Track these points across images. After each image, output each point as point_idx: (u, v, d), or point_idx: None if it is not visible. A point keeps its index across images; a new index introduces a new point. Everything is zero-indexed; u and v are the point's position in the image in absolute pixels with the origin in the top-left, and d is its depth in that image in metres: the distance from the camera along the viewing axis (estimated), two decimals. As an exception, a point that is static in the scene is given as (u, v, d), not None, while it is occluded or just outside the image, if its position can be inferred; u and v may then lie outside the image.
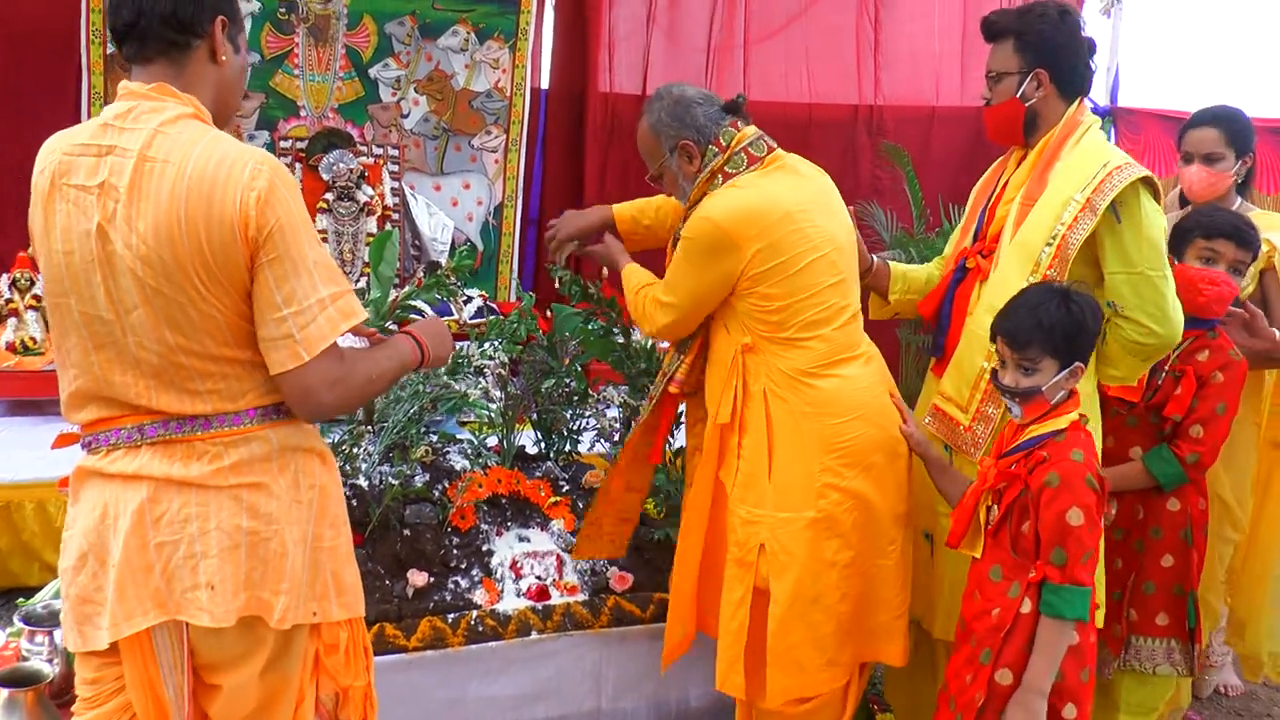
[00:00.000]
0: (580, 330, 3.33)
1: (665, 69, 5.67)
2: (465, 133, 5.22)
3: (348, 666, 1.97)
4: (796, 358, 2.52)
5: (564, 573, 3.00)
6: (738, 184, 2.57)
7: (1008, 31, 2.71)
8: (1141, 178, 2.52)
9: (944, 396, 2.70)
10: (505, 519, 3.11)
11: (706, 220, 2.51)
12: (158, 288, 1.73)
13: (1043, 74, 2.66)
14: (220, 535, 1.79)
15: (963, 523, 2.35)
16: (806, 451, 2.51)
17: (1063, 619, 2.16)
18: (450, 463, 3.25)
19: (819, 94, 5.98)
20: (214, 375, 1.79)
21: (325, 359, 1.79)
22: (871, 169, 6.09)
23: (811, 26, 5.98)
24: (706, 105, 2.63)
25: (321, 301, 1.78)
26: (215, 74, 1.88)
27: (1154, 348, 2.55)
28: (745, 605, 2.52)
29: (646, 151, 2.71)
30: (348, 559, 1.98)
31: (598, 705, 2.94)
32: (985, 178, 2.95)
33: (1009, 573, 2.26)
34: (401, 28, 5.01)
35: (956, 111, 6.20)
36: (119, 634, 1.79)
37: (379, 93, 5.04)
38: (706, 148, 2.60)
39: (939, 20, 6.22)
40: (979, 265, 2.74)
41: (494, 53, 5.17)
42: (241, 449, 1.81)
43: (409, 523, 2.93)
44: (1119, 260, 2.53)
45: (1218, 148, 3.18)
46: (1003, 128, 2.77)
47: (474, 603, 2.84)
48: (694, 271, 2.55)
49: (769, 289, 2.50)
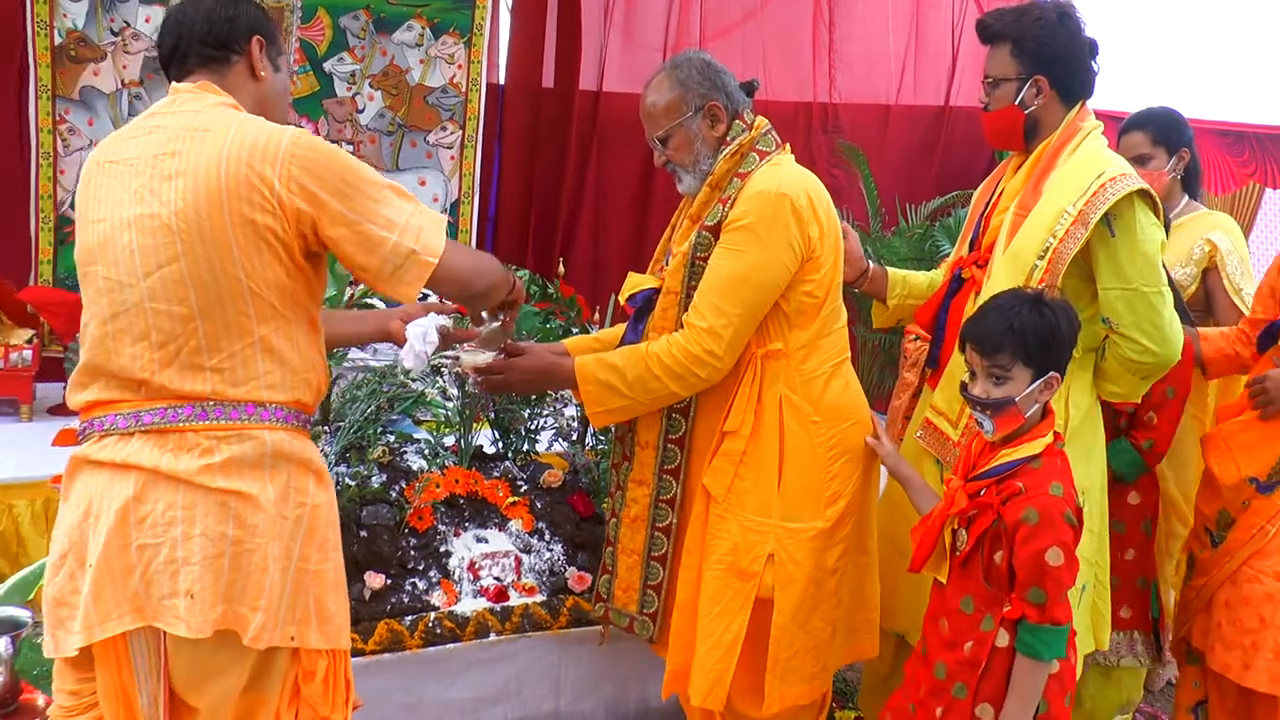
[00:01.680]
0: (538, 329, 3.33)
1: (621, 66, 5.66)
2: (421, 128, 5.18)
3: (325, 697, 1.92)
4: (820, 355, 2.50)
5: (522, 573, 2.98)
6: (781, 163, 2.50)
7: (1004, 36, 2.60)
8: (1138, 190, 2.45)
9: (935, 410, 2.65)
10: (463, 519, 3.09)
11: (777, 194, 2.38)
12: (191, 245, 1.76)
13: (1042, 80, 2.58)
14: (204, 542, 1.76)
15: (926, 546, 2.26)
16: (818, 460, 2.49)
17: (1040, 660, 2.09)
18: (407, 463, 3.22)
19: (774, 92, 6.00)
20: (223, 351, 1.80)
21: (452, 251, 1.89)
22: (827, 167, 6.12)
23: (766, 25, 6.00)
24: (732, 77, 2.57)
25: (415, 213, 1.87)
26: (255, 89, 1.99)
27: (1152, 366, 2.49)
28: (743, 616, 2.45)
29: (662, 109, 2.52)
30: (335, 586, 1.94)
31: (556, 707, 2.93)
32: (984, 185, 2.89)
33: (981, 605, 2.17)
34: (356, 22, 4.96)
35: (911, 110, 6.25)
36: (91, 638, 1.76)
37: (334, 87, 4.99)
38: (732, 120, 2.53)
39: (892, 20, 6.26)
40: (974, 276, 2.66)
41: (449, 48, 5.14)
42: (234, 446, 1.80)
43: (366, 524, 2.91)
44: (1113, 275, 2.46)
45: (1146, 149, 3.25)
46: (1002, 134, 2.70)
47: (432, 604, 2.82)
48: (765, 257, 2.38)
49: (820, 275, 2.45)
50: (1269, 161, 6.66)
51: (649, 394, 2.45)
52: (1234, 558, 2.70)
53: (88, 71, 4.50)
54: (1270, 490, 2.66)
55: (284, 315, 1.85)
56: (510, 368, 2.49)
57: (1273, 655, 2.59)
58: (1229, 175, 6.43)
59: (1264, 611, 2.62)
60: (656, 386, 2.43)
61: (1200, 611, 2.80)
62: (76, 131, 4.52)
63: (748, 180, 2.46)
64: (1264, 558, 2.65)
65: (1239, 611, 2.67)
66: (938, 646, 2.25)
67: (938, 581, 2.29)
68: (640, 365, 2.44)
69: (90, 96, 4.53)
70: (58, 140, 4.49)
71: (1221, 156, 6.56)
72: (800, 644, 2.49)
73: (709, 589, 2.50)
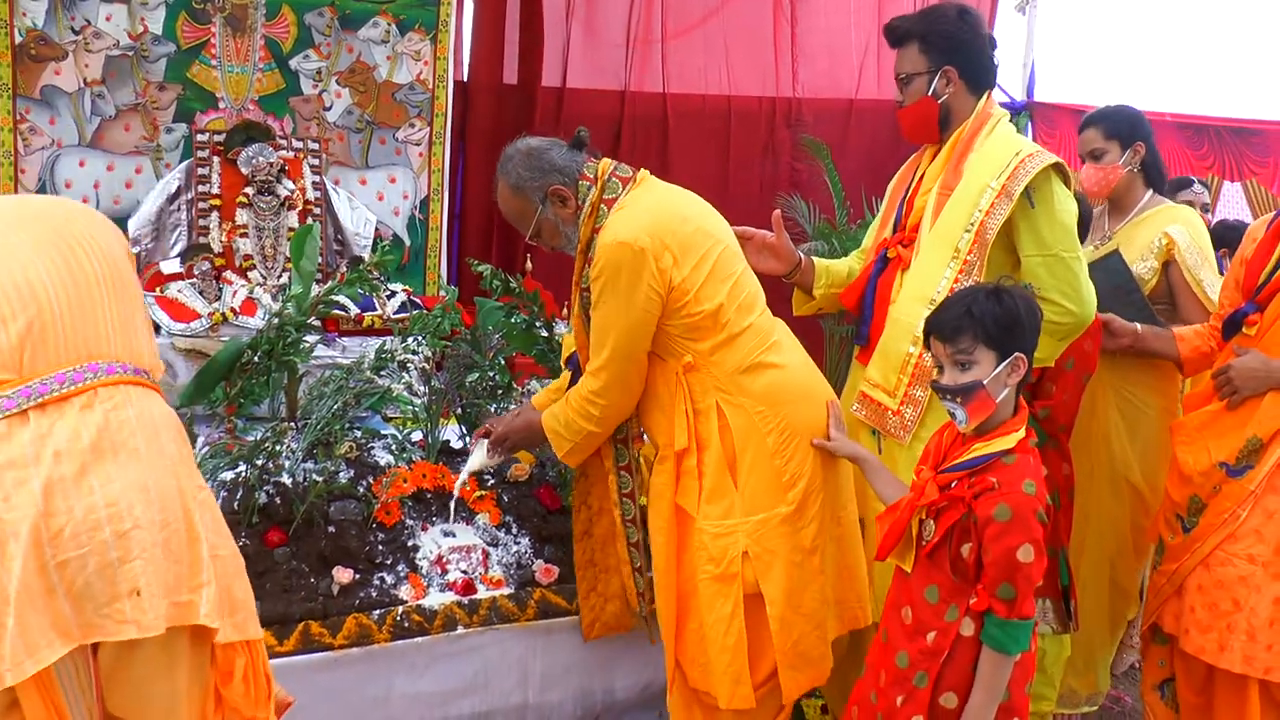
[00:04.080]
0: (503, 324, 3.35)
1: (584, 62, 5.68)
2: (389, 125, 5.18)
3: (247, 696, 1.79)
4: (738, 354, 2.55)
5: (489, 566, 3.00)
6: (625, 205, 2.58)
7: (911, 35, 2.81)
8: (1053, 164, 2.63)
9: (870, 383, 2.77)
10: (430, 514, 3.11)
11: (616, 245, 2.48)
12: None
13: (951, 70, 2.77)
14: (139, 534, 1.62)
15: (894, 535, 2.25)
16: (768, 450, 2.53)
17: (1007, 654, 2.11)
18: (375, 458, 3.24)
19: (738, 87, 6.04)
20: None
21: None
22: (790, 161, 6.17)
23: (729, 21, 6.04)
24: (557, 148, 2.66)
25: None
26: None
27: (1070, 326, 2.64)
28: (739, 617, 2.49)
29: (516, 214, 2.70)
30: (239, 573, 1.82)
31: (525, 699, 2.95)
32: (901, 172, 3.05)
33: (946, 595, 2.17)
34: (321, 19, 4.96)
35: (874, 104, 6.31)
36: (22, 674, 1.53)
37: (300, 85, 4.98)
38: (575, 186, 2.62)
39: (854, 15, 6.32)
40: (900, 255, 2.82)
41: (415, 45, 5.14)
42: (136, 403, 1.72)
43: (334, 519, 2.92)
44: (1033, 243, 2.64)
45: (1099, 144, 3.32)
46: (918, 126, 2.87)
47: (400, 598, 2.84)
48: (620, 304, 2.49)
49: (700, 291, 2.51)
50: (1227, 154, 6.75)
51: (577, 434, 2.68)
52: (1206, 542, 2.75)
53: (49, 70, 4.48)
54: (1240, 474, 2.71)
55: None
56: (506, 426, 2.90)
57: (1246, 637, 2.63)
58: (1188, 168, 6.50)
59: (1237, 594, 2.66)
60: (577, 428, 2.66)
61: (1172, 596, 2.84)
62: (38, 131, 4.50)
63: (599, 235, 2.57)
64: (1236, 541, 2.69)
65: (1213, 595, 2.71)
66: (899, 635, 2.26)
67: (901, 570, 2.30)
68: (565, 411, 2.68)
69: (52, 95, 4.51)
70: (18, 139, 4.47)
71: (1181, 149, 6.65)
72: (801, 628, 2.53)
73: (703, 600, 2.55)
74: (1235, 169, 6.81)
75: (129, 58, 4.64)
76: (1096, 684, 3.46)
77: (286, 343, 3.03)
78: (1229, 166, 6.79)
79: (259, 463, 2.93)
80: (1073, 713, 3.46)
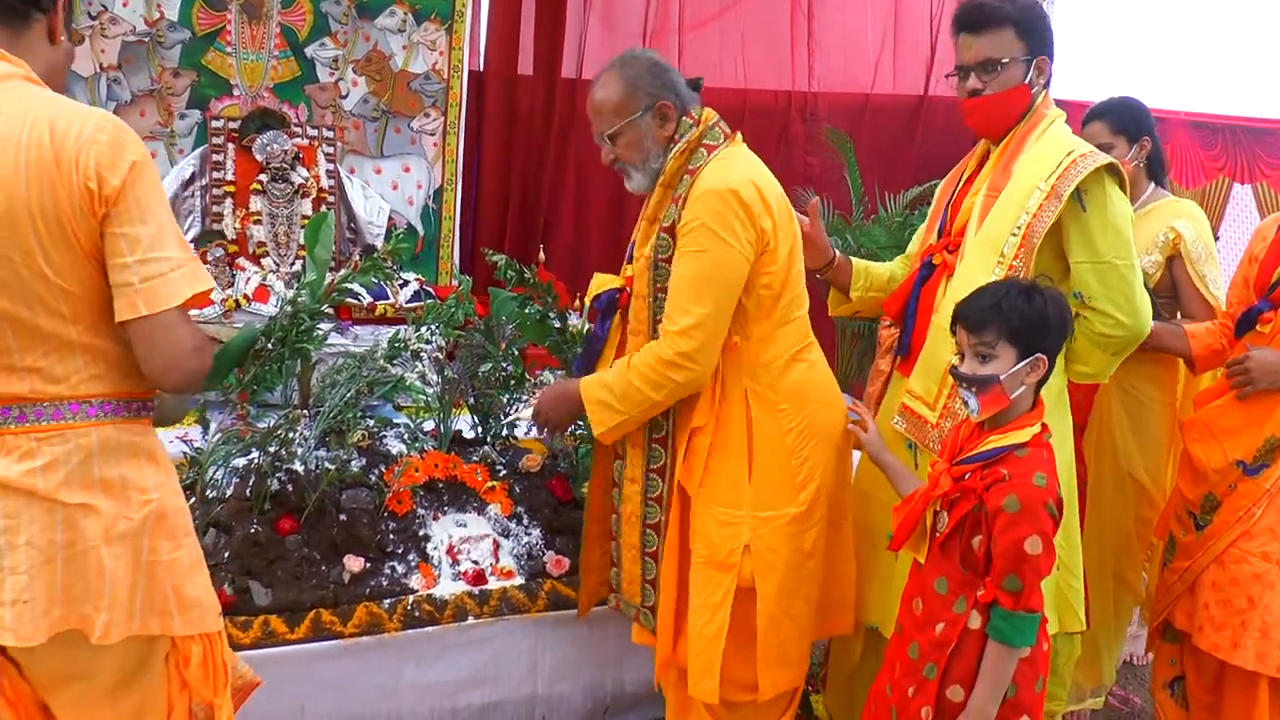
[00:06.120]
0: (517, 314, 3.34)
1: (601, 54, 5.67)
2: (404, 114, 5.18)
3: (205, 681, 1.87)
4: (780, 345, 2.51)
5: (500, 557, 3.01)
6: (729, 156, 2.50)
7: (1007, 19, 2.59)
8: (1106, 165, 2.49)
9: (912, 395, 2.64)
10: (442, 503, 3.11)
11: (727, 191, 2.37)
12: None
13: (1044, 61, 2.61)
14: (31, 551, 1.66)
15: (907, 527, 2.25)
16: (787, 446, 2.51)
17: (1012, 647, 2.09)
18: (387, 447, 3.24)
19: (753, 81, 6.02)
20: (36, 350, 1.68)
21: (170, 316, 1.70)
22: (804, 156, 6.15)
23: (746, 14, 6.03)
24: (680, 76, 2.58)
25: (169, 260, 1.70)
26: (49, 54, 1.79)
27: (1122, 340, 2.50)
28: (725, 608, 2.47)
29: (612, 107, 2.53)
30: (193, 571, 1.85)
31: (534, 690, 2.95)
32: (949, 175, 2.91)
33: (955, 587, 2.17)
34: (338, 6, 4.95)
35: (888, 100, 6.28)
36: None
37: (316, 73, 4.98)
38: (680, 118, 2.54)
39: (871, 10, 6.29)
40: (945, 261, 2.68)
41: (431, 34, 5.14)
42: (57, 447, 1.69)
43: (345, 508, 2.93)
44: (1084, 249, 2.49)
45: (1106, 138, 3.26)
46: (997, 117, 2.66)
47: (410, 588, 2.84)
48: (724, 253, 2.38)
49: (776, 267, 2.45)
50: (1239, 154, 6.71)
51: (636, 406, 2.48)
52: (1220, 540, 2.75)
53: (66, 55, 4.48)
54: (1257, 473, 2.71)
55: (99, 309, 1.72)
56: (540, 399, 2.69)
57: (1260, 634, 2.63)
58: (1200, 169, 6.47)
59: (1252, 592, 2.66)
60: (640, 398, 2.46)
61: (1184, 593, 2.84)
62: (55, 115, 4.50)
63: (697, 177, 2.46)
64: (1251, 539, 2.70)
65: (1227, 592, 2.71)
66: (911, 627, 2.26)
67: (917, 562, 2.30)
68: (624, 378, 2.48)
69: (67, 80, 4.50)
70: (36, 123, 4.46)
71: (1193, 149, 6.61)
72: (787, 629, 2.52)
73: (693, 584, 2.53)
74: (1247, 170, 6.76)
75: (145, 43, 4.65)
76: (1101, 677, 3.46)
77: (300, 330, 3.02)
78: (1241, 167, 6.75)
79: (271, 450, 2.94)
80: (1079, 709, 3.45)
